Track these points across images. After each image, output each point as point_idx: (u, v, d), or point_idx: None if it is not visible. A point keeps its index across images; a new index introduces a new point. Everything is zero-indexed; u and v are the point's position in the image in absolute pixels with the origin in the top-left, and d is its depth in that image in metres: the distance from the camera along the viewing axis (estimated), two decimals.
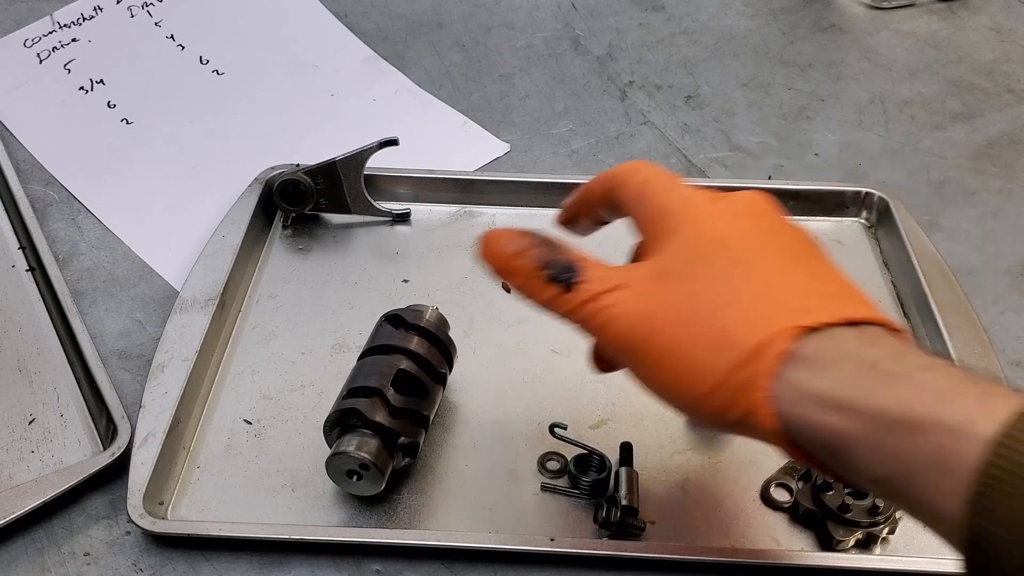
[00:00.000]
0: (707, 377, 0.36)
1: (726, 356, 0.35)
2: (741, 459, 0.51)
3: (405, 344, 0.49)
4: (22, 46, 0.80)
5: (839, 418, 0.33)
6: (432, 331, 0.50)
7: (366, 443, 0.46)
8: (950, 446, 0.31)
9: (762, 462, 0.50)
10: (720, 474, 0.50)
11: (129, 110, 0.75)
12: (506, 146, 0.73)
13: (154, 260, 0.63)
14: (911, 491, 0.33)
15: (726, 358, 0.35)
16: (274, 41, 0.82)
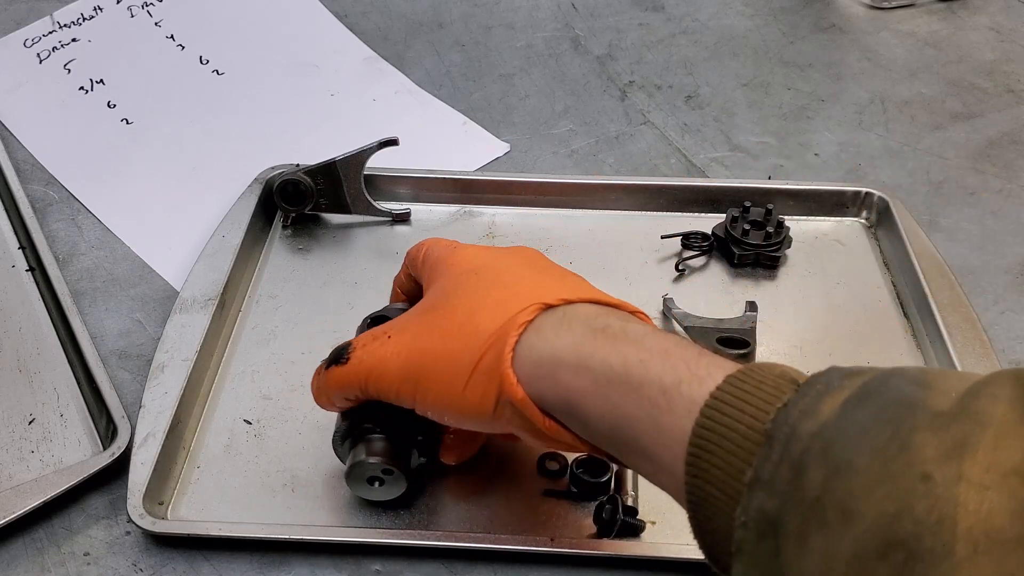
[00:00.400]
0: (463, 371, 0.39)
1: (476, 347, 0.39)
2: None
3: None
4: (22, 46, 0.80)
5: (572, 375, 0.36)
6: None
7: (382, 447, 0.45)
8: (664, 404, 0.34)
9: None
10: None
11: (129, 110, 0.75)
12: (506, 146, 0.73)
13: (154, 260, 0.63)
14: (638, 451, 0.35)
15: (476, 348, 0.39)
16: (274, 41, 0.82)
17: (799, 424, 0.30)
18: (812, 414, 0.30)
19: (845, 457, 0.28)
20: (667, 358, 0.35)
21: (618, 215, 0.66)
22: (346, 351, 0.43)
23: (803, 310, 0.60)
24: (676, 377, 0.34)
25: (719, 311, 0.57)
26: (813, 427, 0.30)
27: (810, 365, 0.54)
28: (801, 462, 0.29)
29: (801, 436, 0.30)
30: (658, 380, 0.34)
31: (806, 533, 0.28)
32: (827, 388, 0.31)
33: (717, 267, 0.62)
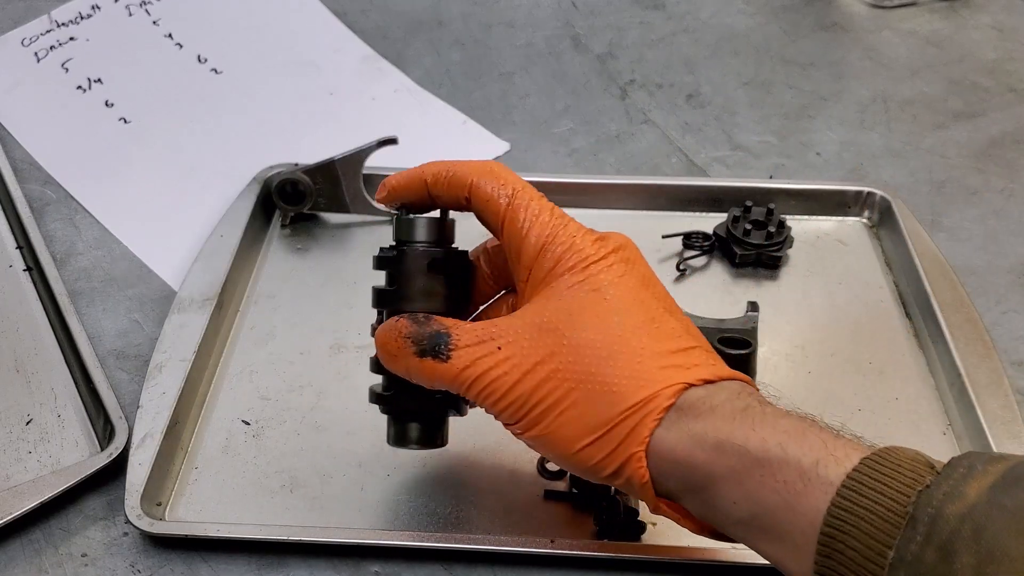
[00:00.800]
0: (588, 429, 0.37)
1: (607, 411, 0.37)
2: None
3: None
4: (20, 45, 0.79)
5: (709, 455, 0.36)
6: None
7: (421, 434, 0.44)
8: (800, 488, 0.34)
9: None
10: None
11: (127, 109, 0.75)
12: (506, 145, 0.73)
13: (152, 260, 0.63)
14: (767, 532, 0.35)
15: (607, 412, 0.37)
16: (273, 40, 0.82)
17: (944, 507, 0.30)
18: (958, 497, 0.31)
19: (998, 543, 0.28)
20: (804, 439, 0.35)
21: (619, 214, 0.65)
22: (445, 345, 0.39)
23: (805, 310, 0.59)
24: (814, 458, 0.34)
25: (721, 311, 0.56)
26: (960, 510, 0.30)
27: (812, 365, 0.55)
28: (949, 545, 0.29)
29: (948, 519, 0.30)
30: (796, 462, 0.34)
31: None
32: (970, 472, 0.32)
33: (718, 267, 0.62)
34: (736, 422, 0.36)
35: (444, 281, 0.43)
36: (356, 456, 0.51)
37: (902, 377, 0.55)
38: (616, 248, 0.40)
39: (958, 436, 0.52)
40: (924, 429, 0.52)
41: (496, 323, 0.40)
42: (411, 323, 0.40)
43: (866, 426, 0.52)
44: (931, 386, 0.54)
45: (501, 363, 0.38)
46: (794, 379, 0.55)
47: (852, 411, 0.53)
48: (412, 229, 0.43)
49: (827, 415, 0.52)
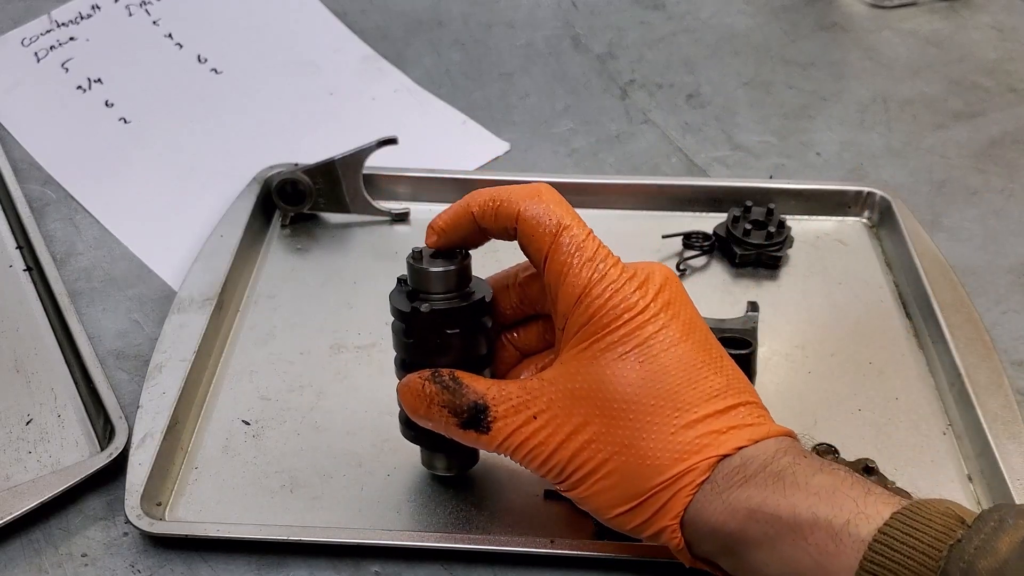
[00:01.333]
0: (625, 497, 0.38)
1: (643, 480, 0.38)
2: None
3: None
4: (20, 45, 0.79)
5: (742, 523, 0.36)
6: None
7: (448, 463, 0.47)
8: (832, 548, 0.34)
9: None
10: None
11: (127, 109, 0.75)
12: (506, 145, 0.73)
13: (152, 260, 0.63)
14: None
15: (643, 482, 0.38)
16: (273, 40, 0.82)
17: (976, 561, 0.31)
18: (990, 552, 0.31)
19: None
20: (835, 498, 0.35)
21: (619, 214, 0.65)
22: (485, 416, 0.40)
23: (805, 310, 0.59)
24: (845, 518, 0.34)
25: (721, 311, 0.56)
26: (993, 564, 0.30)
27: (812, 365, 0.55)
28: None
29: (980, 573, 0.30)
30: (827, 524, 0.34)
31: None
32: (1001, 525, 0.32)
33: (718, 267, 0.62)
34: (769, 489, 0.36)
35: (463, 334, 0.42)
36: (356, 456, 0.50)
37: (902, 377, 0.55)
38: (657, 293, 0.39)
39: (958, 436, 0.52)
40: (924, 429, 0.52)
41: (531, 387, 0.40)
42: (443, 391, 0.40)
43: (866, 426, 0.52)
44: (931, 386, 0.54)
45: (539, 431, 0.39)
46: (794, 379, 0.55)
47: (852, 411, 0.53)
48: (428, 281, 0.42)
49: (827, 415, 0.53)
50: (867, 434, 0.52)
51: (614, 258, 0.40)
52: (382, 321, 0.57)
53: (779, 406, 0.52)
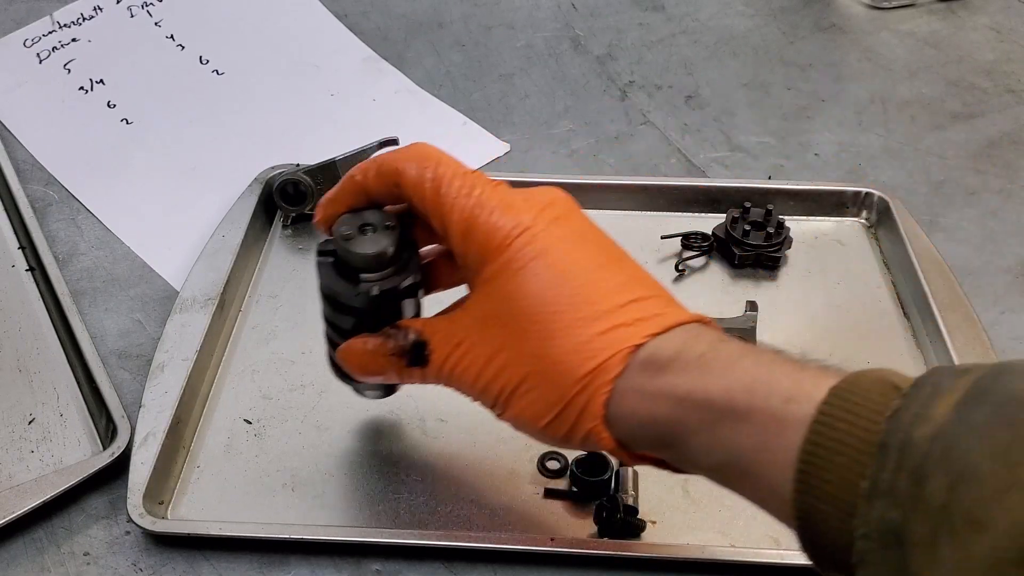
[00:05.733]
0: (549, 406, 0.38)
1: (563, 387, 0.38)
2: None
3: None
4: (22, 46, 0.80)
5: (673, 412, 0.36)
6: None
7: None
8: (774, 428, 0.33)
9: None
10: None
11: (129, 110, 0.75)
12: (506, 146, 0.73)
13: (154, 260, 0.63)
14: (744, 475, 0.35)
15: (563, 389, 0.38)
16: (274, 41, 0.82)
17: (913, 430, 0.30)
18: (926, 419, 0.30)
19: (967, 463, 0.28)
20: (771, 375, 0.35)
21: (618, 215, 0.66)
22: (424, 352, 0.41)
23: (804, 310, 0.60)
24: (784, 396, 0.34)
25: (720, 311, 0.57)
26: (929, 432, 0.29)
27: None
28: (921, 469, 0.29)
29: (917, 442, 0.29)
30: (765, 404, 0.34)
31: (935, 542, 0.28)
32: (936, 390, 0.31)
33: (717, 267, 0.62)
34: (695, 374, 0.36)
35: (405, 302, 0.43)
36: (357, 454, 0.51)
37: None
38: (543, 208, 0.40)
39: None
40: None
41: (454, 318, 0.41)
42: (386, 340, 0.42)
43: None
44: None
45: (464, 357, 0.40)
46: None
47: None
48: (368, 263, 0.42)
49: None
50: None
51: (493, 183, 0.40)
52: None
53: None
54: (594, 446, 0.39)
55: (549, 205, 0.40)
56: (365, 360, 0.43)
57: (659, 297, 0.39)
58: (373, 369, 0.43)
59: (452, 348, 0.40)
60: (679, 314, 0.39)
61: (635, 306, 0.38)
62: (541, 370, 0.38)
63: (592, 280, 0.38)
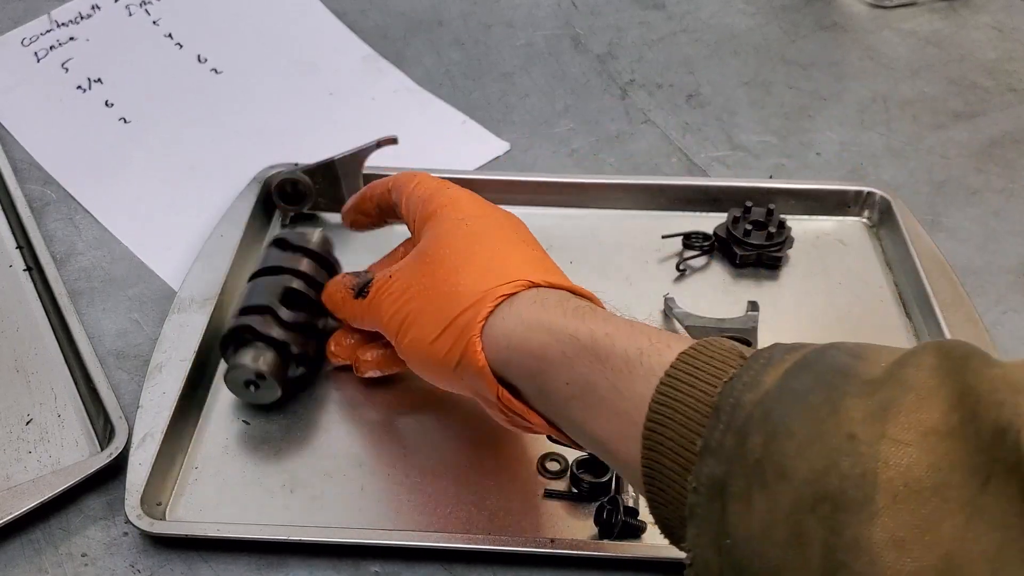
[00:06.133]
0: (437, 325, 0.43)
1: (453, 307, 0.42)
2: None
3: (293, 265, 0.53)
4: (19, 45, 0.79)
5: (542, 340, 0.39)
6: (318, 251, 0.54)
7: (261, 355, 0.50)
8: (626, 371, 0.36)
9: None
10: None
11: (127, 109, 0.75)
12: (506, 145, 0.73)
13: (152, 260, 0.63)
14: (595, 418, 0.37)
15: (453, 308, 0.42)
16: (273, 40, 0.82)
17: (743, 395, 0.32)
18: (755, 385, 0.32)
19: (782, 422, 0.30)
20: (632, 332, 0.38)
21: (619, 214, 0.65)
22: (367, 287, 0.48)
23: (805, 309, 0.59)
24: (638, 348, 0.37)
25: (721, 311, 0.56)
26: (755, 397, 0.32)
27: None
28: (744, 429, 0.31)
29: (744, 405, 0.32)
30: (623, 351, 0.37)
31: (749, 493, 0.30)
32: (769, 361, 0.33)
33: (718, 267, 0.62)
34: (568, 316, 0.40)
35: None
36: (355, 456, 0.51)
37: None
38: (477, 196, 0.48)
39: None
40: None
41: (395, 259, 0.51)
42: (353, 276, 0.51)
43: None
44: None
45: (388, 290, 0.46)
46: None
47: None
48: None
49: None
50: None
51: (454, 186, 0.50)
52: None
53: None
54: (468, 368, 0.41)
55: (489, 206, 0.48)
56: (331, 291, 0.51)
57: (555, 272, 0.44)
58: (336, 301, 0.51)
59: (384, 281, 0.47)
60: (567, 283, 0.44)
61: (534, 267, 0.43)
62: (443, 293, 0.43)
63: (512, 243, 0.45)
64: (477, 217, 0.46)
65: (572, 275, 0.61)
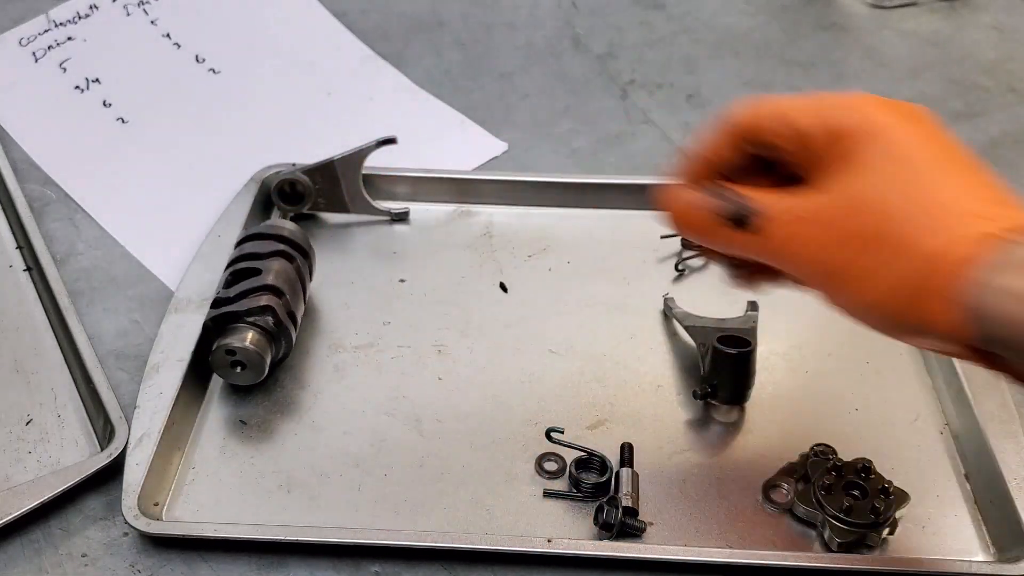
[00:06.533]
0: (891, 286, 0.36)
1: (909, 266, 0.36)
2: (741, 460, 0.50)
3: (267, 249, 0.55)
4: (17, 44, 0.79)
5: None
6: (290, 238, 0.56)
7: (245, 336, 0.51)
8: None
9: (762, 463, 0.50)
10: (720, 475, 0.50)
11: (125, 109, 0.75)
12: (504, 145, 0.73)
13: (150, 260, 0.63)
14: None
15: (908, 267, 0.36)
16: (271, 40, 0.82)
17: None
18: None
19: None
20: None
21: (617, 214, 0.65)
22: (751, 218, 0.40)
23: (803, 309, 0.57)
24: None
25: (720, 311, 0.56)
26: None
27: (809, 365, 0.55)
28: None
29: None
30: None
31: None
32: None
33: (717, 267, 0.62)
34: None
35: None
36: (353, 456, 0.51)
37: (899, 377, 0.55)
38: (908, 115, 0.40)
39: (955, 435, 0.52)
40: (921, 427, 0.52)
41: (796, 195, 0.40)
42: (715, 198, 0.41)
43: (864, 426, 0.52)
44: (928, 386, 0.54)
45: (806, 235, 0.39)
46: (792, 379, 0.55)
47: (849, 410, 0.53)
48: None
49: (824, 415, 0.53)
50: (865, 434, 0.52)
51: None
52: (380, 321, 0.58)
53: (776, 406, 0.53)
54: (937, 337, 0.37)
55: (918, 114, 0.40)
56: (685, 208, 0.43)
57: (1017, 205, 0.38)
58: (698, 224, 0.42)
59: (791, 220, 0.39)
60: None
61: (1008, 203, 0.37)
62: (885, 249, 0.37)
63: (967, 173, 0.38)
64: (914, 147, 0.38)
65: (570, 275, 0.61)
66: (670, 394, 0.54)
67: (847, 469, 0.48)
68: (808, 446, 0.50)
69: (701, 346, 0.54)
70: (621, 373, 0.55)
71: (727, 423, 0.52)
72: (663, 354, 0.56)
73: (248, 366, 0.51)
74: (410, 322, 0.58)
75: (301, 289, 0.56)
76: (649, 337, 0.57)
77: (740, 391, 0.52)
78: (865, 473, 0.47)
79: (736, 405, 0.53)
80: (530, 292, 0.60)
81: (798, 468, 0.49)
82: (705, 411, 0.53)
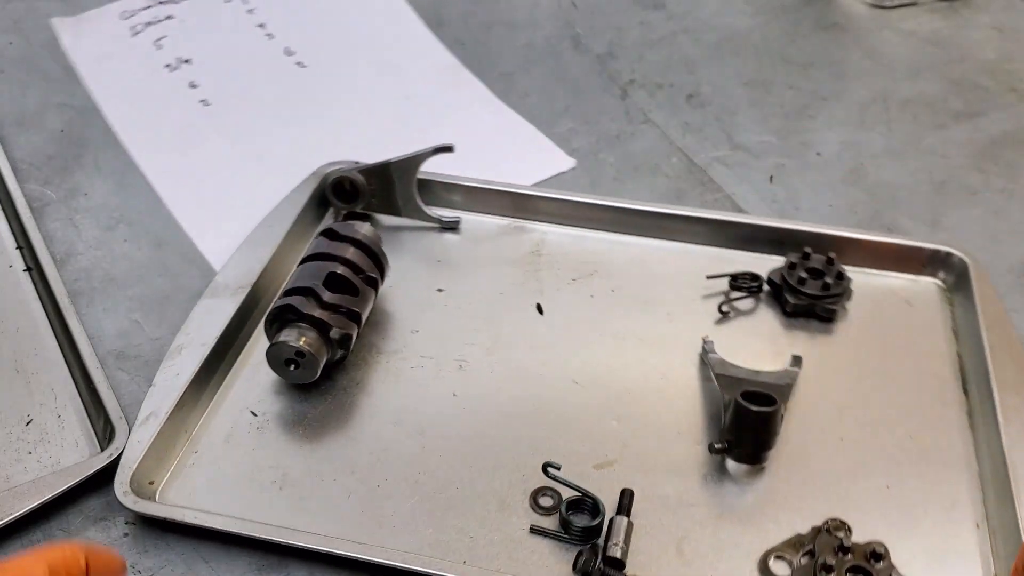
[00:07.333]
0: None
1: None
2: (747, 524, 0.48)
3: (340, 252, 0.54)
4: (119, 17, 0.80)
5: None
6: (364, 242, 0.55)
7: (303, 335, 0.51)
8: None
9: (769, 530, 0.47)
10: (722, 536, 0.47)
11: (209, 92, 0.75)
12: (572, 161, 0.71)
13: (200, 239, 0.63)
14: None
15: None
16: (360, 40, 0.81)
17: None
18: None
19: None
20: None
21: (671, 247, 0.62)
22: None
23: (854, 371, 0.55)
24: None
25: (762, 361, 0.53)
26: None
27: (847, 431, 0.52)
28: None
29: None
30: None
31: None
32: None
33: (768, 313, 0.58)
34: None
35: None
36: (351, 462, 0.50)
37: (943, 458, 0.50)
38: None
39: (992, 532, 0.47)
40: (956, 517, 0.48)
41: None
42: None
43: (892, 506, 0.48)
44: (973, 472, 0.50)
45: None
46: (822, 443, 0.51)
47: (879, 487, 0.49)
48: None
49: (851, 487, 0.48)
50: (891, 514, 0.48)
51: None
52: (409, 329, 0.57)
53: (799, 470, 0.49)
54: None
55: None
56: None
57: None
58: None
59: None
60: None
61: None
62: None
63: None
64: None
65: (612, 304, 0.58)
66: (688, 443, 0.51)
67: (856, 552, 0.44)
68: (823, 519, 0.46)
69: (726, 397, 0.50)
70: (642, 413, 0.52)
71: (742, 481, 0.49)
72: (691, 399, 0.53)
73: (304, 368, 0.51)
74: (438, 333, 0.57)
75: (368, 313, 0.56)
76: (680, 379, 0.54)
77: (757, 451, 0.48)
78: (876, 559, 0.44)
79: (751, 465, 0.49)
80: (566, 317, 0.58)
81: (806, 541, 0.46)
82: (721, 466, 0.50)
